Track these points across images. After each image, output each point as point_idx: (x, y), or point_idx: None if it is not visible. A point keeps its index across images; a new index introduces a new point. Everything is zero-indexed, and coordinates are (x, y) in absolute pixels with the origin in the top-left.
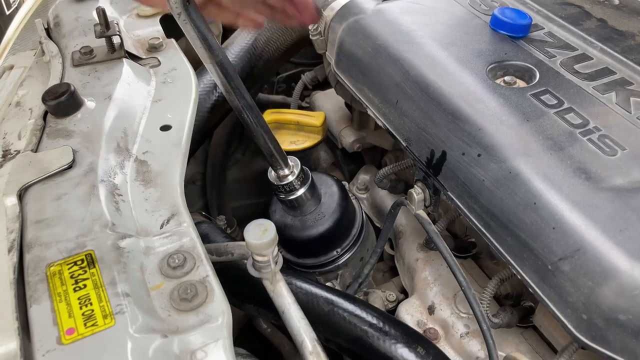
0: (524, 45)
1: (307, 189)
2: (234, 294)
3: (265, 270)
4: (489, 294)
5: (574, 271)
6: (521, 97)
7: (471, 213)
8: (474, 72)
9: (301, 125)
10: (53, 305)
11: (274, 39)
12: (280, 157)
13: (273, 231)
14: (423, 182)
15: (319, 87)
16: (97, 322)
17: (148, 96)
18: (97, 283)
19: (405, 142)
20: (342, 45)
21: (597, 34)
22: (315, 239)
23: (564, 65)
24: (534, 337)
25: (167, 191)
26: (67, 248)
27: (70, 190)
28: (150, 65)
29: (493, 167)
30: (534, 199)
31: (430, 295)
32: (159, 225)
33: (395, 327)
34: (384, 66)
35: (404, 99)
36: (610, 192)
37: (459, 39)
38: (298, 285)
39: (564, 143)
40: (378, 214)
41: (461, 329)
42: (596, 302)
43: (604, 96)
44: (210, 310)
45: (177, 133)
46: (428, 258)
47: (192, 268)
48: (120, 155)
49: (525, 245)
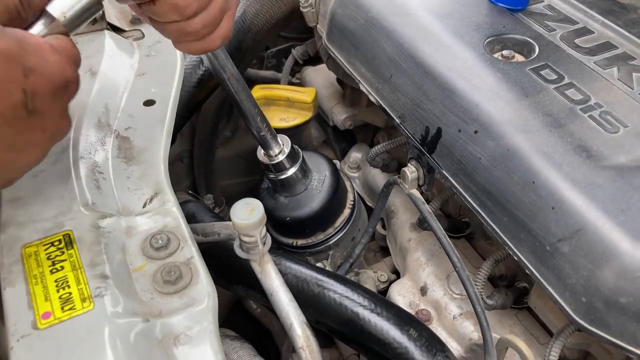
0: (522, 18)
1: (298, 168)
2: (222, 275)
3: (253, 252)
4: (483, 276)
5: (574, 252)
6: (520, 71)
7: (466, 192)
8: (470, 46)
9: (291, 102)
10: (28, 287)
11: (264, 11)
12: (269, 135)
13: (261, 211)
14: (417, 160)
15: (310, 62)
16: (74, 305)
17: (131, 70)
18: (75, 265)
19: (399, 119)
20: (334, 17)
21: (598, 7)
22: (306, 219)
23: (564, 39)
24: (529, 319)
25: (151, 169)
26: (44, 228)
27: (48, 167)
28: (133, 38)
29: (490, 144)
30: (533, 177)
31: (423, 276)
32: (141, 204)
33: (387, 309)
34: (377, 39)
35: (397, 74)
36: (612, 171)
37: (455, 11)
38: (287, 266)
39: (564, 120)
40: (370, 193)
41: (454, 310)
42: (596, 285)
43: (605, 71)
44: (195, 293)
45: (161, 108)
46: (421, 238)
47: (176, 249)
48: (101, 131)
49: (522, 225)
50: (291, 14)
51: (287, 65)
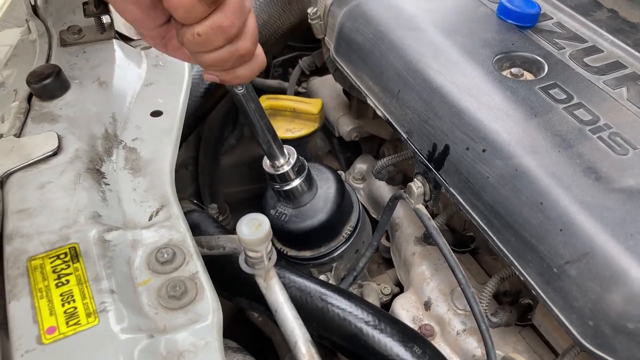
0: (531, 35)
1: (303, 179)
2: (225, 287)
3: (258, 267)
4: (489, 293)
5: (582, 276)
6: (529, 90)
7: (474, 210)
8: (479, 63)
9: (297, 113)
10: (33, 301)
11: (271, 22)
12: (276, 145)
13: (267, 226)
14: (423, 175)
15: (316, 73)
16: (79, 320)
17: (139, 79)
18: (80, 279)
19: (406, 134)
20: (342, 30)
21: (607, 26)
22: (311, 231)
23: (573, 57)
24: (532, 336)
25: (157, 180)
26: (50, 240)
27: (55, 178)
28: (141, 47)
29: (498, 163)
30: (541, 198)
31: (427, 291)
32: (147, 216)
33: (391, 325)
34: (386, 54)
35: (405, 89)
36: (621, 194)
37: (464, 27)
38: (291, 279)
39: (574, 140)
40: (374, 205)
41: (458, 326)
42: (604, 309)
43: (614, 91)
44: (200, 309)
45: (168, 119)
46: (425, 252)
47: (182, 263)
48: (108, 141)
49: (530, 246)
50: (299, 25)
51: (294, 75)
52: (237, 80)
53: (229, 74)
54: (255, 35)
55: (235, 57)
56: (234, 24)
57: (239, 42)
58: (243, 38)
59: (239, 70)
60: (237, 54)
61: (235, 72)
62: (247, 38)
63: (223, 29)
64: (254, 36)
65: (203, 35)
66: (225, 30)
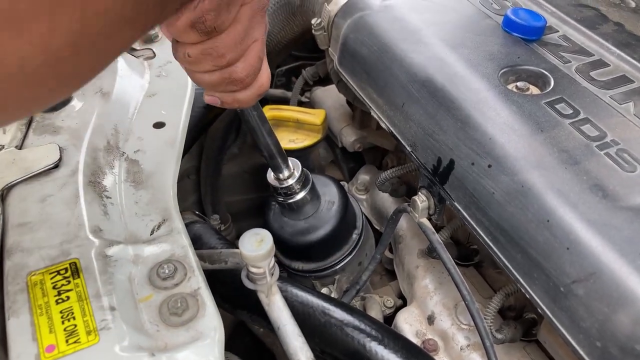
0: (537, 48)
1: (307, 192)
2: (227, 300)
3: (261, 282)
4: (493, 309)
5: (589, 295)
6: (535, 105)
7: (479, 226)
8: (485, 77)
9: (301, 123)
10: (33, 318)
11: (275, 32)
12: (280, 158)
13: (270, 242)
14: (428, 189)
15: (320, 83)
16: (79, 339)
17: (141, 90)
18: (81, 295)
19: (411, 147)
20: (346, 42)
21: (614, 39)
22: (314, 244)
23: (579, 71)
24: (537, 352)
25: (159, 194)
26: (50, 255)
27: (56, 191)
28: (144, 57)
29: (504, 179)
30: (547, 216)
31: (430, 305)
32: (149, 231)
33: (395, 340)
34: (390, 66)
35: (410, 102)
36: (629, 212)
37: (469, 40)
38: (293, 293)
39: (580, 157)
40: (378, 217)
41: (462, 341)
42: (612, 330)
43: (621, 106)
44: (201, 326)
45: (171, 131)
46: (429, 265)
47: (183, 279)
48: (110, 154)
49: (536, 264)
50: (302, 35)
51: (297, 85)
52: (236, 104)
53: (228, 96)
54: (254, 65)
55: (227, 82)
56: (226, 56)
57: (233, 69)
58: (238, 66)
59: (238, 94)
60: (229, 79)
61: (235, 95)
62: (243, 67)
63: (214, 58)
64: (252, 66)
65: (193, 57)
66: (216, 59)
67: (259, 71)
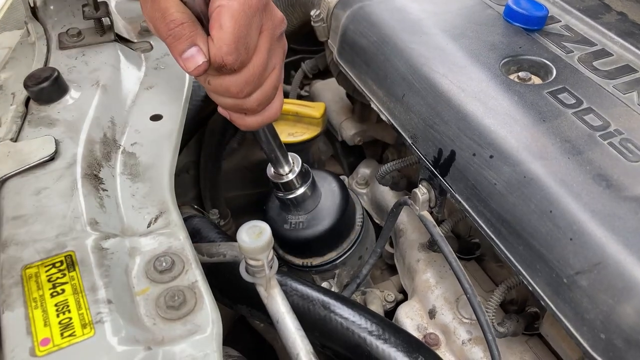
0: (539, 38)
1: (307, 187)
2: (226, 295)
3: (259, 275)
4: (495, 303)
5: (593, 287)
6: (537, 95)
7: (480, 218)
8: (486, 67)
9: (300, 117)
10: (27, 312)
11: None
12: (281, 153)
13: (268, 234)
14: (428, 181)
15: (319, 76)
16: (75, 332)
17: (138, 83)
18: (76, 288)
19: (411, 139)
20: (346, 33)
21: (617, 29)
22: (314, 239)
23: (582, 61)
24: (540, 346)
25: (156, 186)
26: (46, 248)
27: (52, 184)
28: (141, 50)
29: (506, 170)
30: (550, 206)
31: (432, 299)
32: (146, 223)
33: (395, 334)
34: (390, 57)
35: (410, 93)
36: (633, 202)
37: (470, 30)
38: (293, 287)
39: (583, 147)
40: (378, 210)
41: (463, 335)
42: (616, 322)
43: (625, 96)
44: (199, 320)
45: (168, 123)
46: (430, 259)
47: (181, 272)
48: (106, 146)
49: (539, 255)
50: (301, 27)
51: (296, 78)
52: (244, 127)
53: (238, 117)
54: (269, 95)
55: (238, 108)
56: (242, 91)
57: (246, 100)
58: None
59: (247, 118)
60: (241, 107)
61: (244, 117)
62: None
63: (230, 92)
64: (266, 96)
65: (212, 86)
66: (232, 93)
67: (271, 101)
